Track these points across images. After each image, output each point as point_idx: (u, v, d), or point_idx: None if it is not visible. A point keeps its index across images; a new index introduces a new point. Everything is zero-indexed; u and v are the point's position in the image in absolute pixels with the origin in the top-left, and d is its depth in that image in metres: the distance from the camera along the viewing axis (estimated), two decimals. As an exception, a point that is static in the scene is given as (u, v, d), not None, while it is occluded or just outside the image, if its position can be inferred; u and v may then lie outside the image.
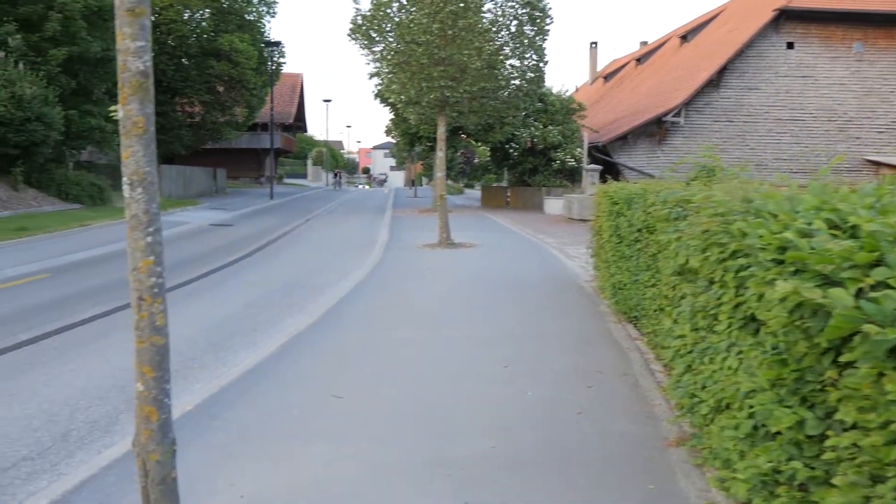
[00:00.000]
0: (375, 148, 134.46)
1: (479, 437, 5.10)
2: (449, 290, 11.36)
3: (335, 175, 68.55)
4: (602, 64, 63.74)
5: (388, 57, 16.09)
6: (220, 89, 40.25)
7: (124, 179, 2.56)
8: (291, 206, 34.97)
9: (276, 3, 41.22)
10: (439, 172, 17.25)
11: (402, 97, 16.65)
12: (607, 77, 56.48)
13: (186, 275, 13.21)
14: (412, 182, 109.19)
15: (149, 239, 2.56)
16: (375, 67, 28.47)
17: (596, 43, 58.87)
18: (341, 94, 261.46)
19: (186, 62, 37.50)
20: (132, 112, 2.51)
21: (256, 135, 56.04)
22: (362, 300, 10.50)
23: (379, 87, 30.28)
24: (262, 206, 33.77)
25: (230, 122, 42.63)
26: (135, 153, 2.52)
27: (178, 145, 39.04)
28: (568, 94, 35.87)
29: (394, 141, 76.57)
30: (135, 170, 2.52)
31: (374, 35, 16.20)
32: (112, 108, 2.57)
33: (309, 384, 6.42)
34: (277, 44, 40.58)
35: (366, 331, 8.55)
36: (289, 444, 5.01)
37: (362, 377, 6.62)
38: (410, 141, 32.86)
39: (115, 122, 11.83)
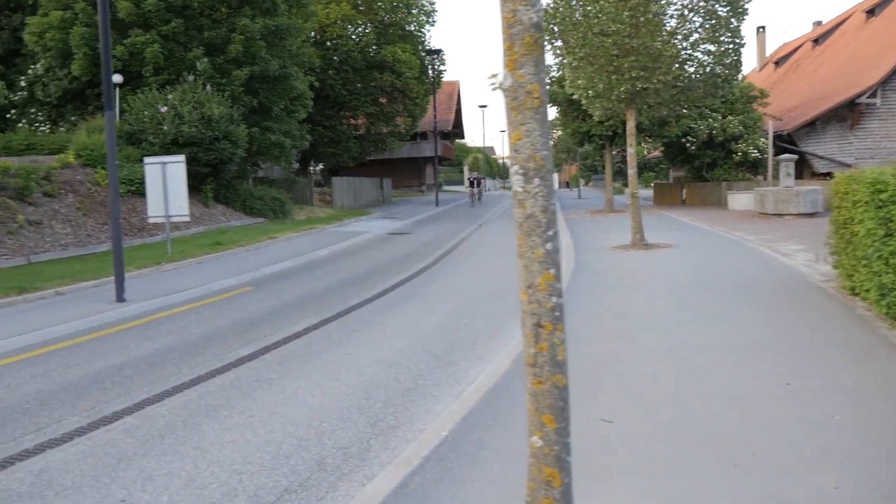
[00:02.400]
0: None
1: (810, 473, 4.21)
2: (667, 294, 10.39)
3: (472, 184, 44.23)
4: (770, 49, 59.84)
5: (575, 50, 15.26)
6: (383, 101, 40.95)
7: (514, 168, 1.94)
8: (458, 213, 34.85)
9: (436, 11, 41.41)
10: (631, 169, 16.24)
11: (590, 92, 15.77)
12: (778, 62, 52.79)
13: (381, 284, 13.01)
14: (566, 184, 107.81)
15: (548, 246, 1.94)
16: (554, 64, 27.79)
17: (763, 27, 55.16)
18: (494, 99, 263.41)
19: (351, 76, 38.35)
20: (525, 78, 1.89)
21: (416, 144, 56.85)
22: (578, 307, 9.74)
23: (548, 88, 29.63)
24: (431, 214, 33.85)
25: (393, 133, 43.30)
26: (530, 132, 1.89)
27: (346, 157, 40.03)
28: (742, 81, 33.58)
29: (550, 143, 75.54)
30: (530, 154, 1.90)
31: (558, 28, 15.44)
32: (492, 75, 1.96)
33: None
34: (438, 52, 40.77)
35: (600, 341, 7.79)
36: (587, 482, 4.33)
37: (623, 396, 5.87)
38: (581, 140, 31.81)
39: (293, 136, 11.36)
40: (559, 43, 16.49)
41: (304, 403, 6.41)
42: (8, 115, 27.27)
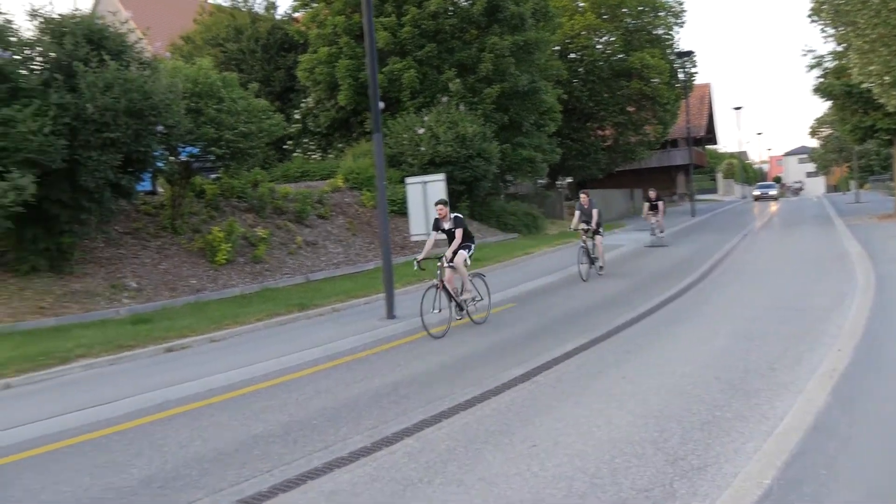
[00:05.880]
0: (788, 154, 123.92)
1: None
2: None
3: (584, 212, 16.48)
4: None
5: (866, 32, 13.41)
6: (632, 109, 39.68)
7: None
8: (717, 223, 32.74)
9: (684, 11, 39.43)
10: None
11: (886, 78, 13.79)
12: None
13: (647, 301, 12.18)
14: (834, 187, 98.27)
15: None
16: (829, 53, 25.24)
17: None
18: (748, 99, 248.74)
19: (598, 86, 37.59)
20: None
21: (666, 152, 54.63)
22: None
23: (820, 80, 26.87)
24: (688, 225, 32.10)
25: (642, 142, 41.80)
26: None
27: (594, 170, 39.27)
28: None
29: (817, 144, 69.31)
30: None
31: (847, 8, 13.67)
32: None
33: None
34: (689, 53, 38.78)
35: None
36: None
37: None
38: (862, 137, 28.45)
39: (544, 151, 10.81)
40: (842, 29, 14.69)
41: (589, 434, 5.87)
42: (285, 146, 29.91)
